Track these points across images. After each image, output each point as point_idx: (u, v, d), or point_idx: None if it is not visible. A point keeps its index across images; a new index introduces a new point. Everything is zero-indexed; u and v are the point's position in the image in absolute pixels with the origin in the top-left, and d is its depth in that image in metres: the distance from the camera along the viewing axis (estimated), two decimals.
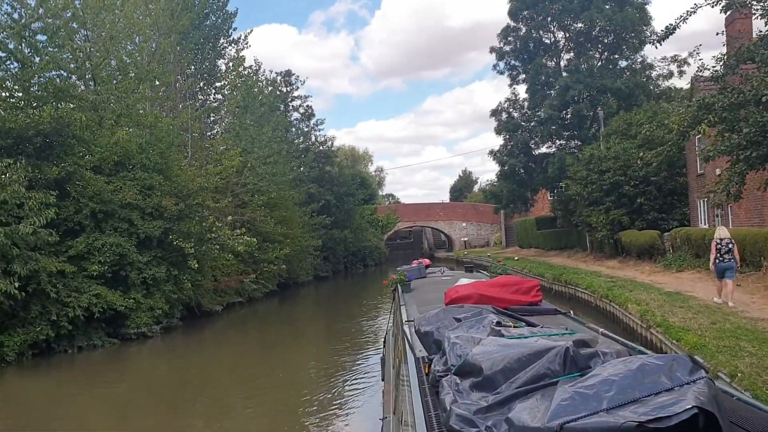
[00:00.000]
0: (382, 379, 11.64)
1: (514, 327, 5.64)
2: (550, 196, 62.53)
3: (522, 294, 8.69)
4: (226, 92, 35.90)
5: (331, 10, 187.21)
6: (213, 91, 37.88)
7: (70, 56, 24.97)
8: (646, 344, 15.10)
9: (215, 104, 37.13)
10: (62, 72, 24.26)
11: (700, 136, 30.56)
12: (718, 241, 16.71)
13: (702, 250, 24.57)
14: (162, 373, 19.93)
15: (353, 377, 16.66)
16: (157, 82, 28.21)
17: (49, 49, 22.63)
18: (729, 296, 16.48)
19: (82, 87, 26.01)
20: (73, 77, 25.91)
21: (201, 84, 36.83)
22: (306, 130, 55.69)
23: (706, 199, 30.39)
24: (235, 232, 26.48)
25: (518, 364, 3.98)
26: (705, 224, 30.63)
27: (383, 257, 70.44)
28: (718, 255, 16.58)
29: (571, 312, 8.56)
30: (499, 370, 4.04)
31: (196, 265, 24.06)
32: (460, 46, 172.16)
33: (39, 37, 22.66)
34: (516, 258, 47.14)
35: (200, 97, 36.98)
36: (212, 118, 37.96)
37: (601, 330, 6.66)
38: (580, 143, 43.87)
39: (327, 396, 14.99)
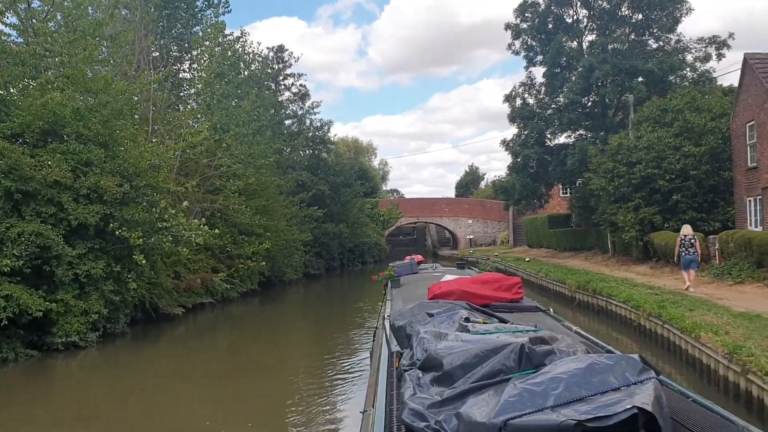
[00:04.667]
0: (370, 373, 10.98)
1: (483, 323, 5.68)
2: (563, 193, 58.27)
3: (503, 291, 8.79)
4: (203, 61, 31.18)
5: (338, 4, 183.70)
6: (188, 60, 33.11)
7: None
8: (745, 401, 10.60)
9: (188, 75, 32.53)
10: None
11: (752, 123, 26.48)
12: (683, 237, 20.69)
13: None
14: (92, 395, 15.61)
15: (343, 371, 16.35)
16: (109, 43, 23.51)
17: None
18: (691, 283, 20.10)
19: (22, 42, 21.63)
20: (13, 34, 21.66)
21: (173, 50, 32.07)
22: (300, 112, 50.90)
23: (760, 197, 25.84)
24: (193, 222, 21.76)
25: (476, 360, 4.02)
26: (756, 226, 26.03)
27: (384, 254, 66.11)
28: (683, 249, 20.52)
29: (551, 310, 8.63)
30: (458, 365, 4.08)
31: (144, 261, 19.52)
32: (469, 43, 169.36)
33: None
34: (527, 259, 42.62)
35: (175, 67, 32.32)
36: (186, 92, 33.25)
37: (574, 329, 6.90)
38: (603, 133, 39.15)
39: (312, 392, 14.60)
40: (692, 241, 20.48)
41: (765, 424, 10.11)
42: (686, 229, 21.06)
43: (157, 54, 31.08)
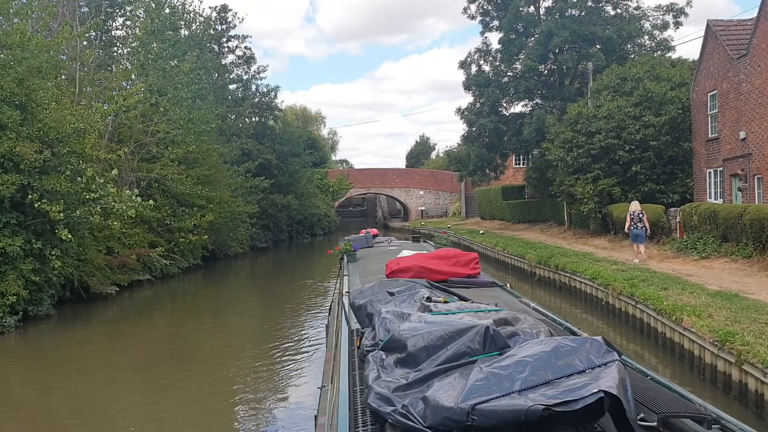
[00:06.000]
0: (326, 347, 10.73)
1: (444, 302, 5.65)
2: (516, 164, 57.45)
3: (461, 266, 8.76)
4: (138, 17, 28.70)
5: None
6: (121, 15, 30.53)
7: None
8: (739, 394, 9.61)
9: (121, 32, 30.05)
10: None
11: (714, 92, 25.65)
12: (632, 213, 21.35)
13: (734, 232, 19.03)
14: (9, 388, 13.82)
15: (295, 348, 15.87)
16: None
17: None
18: (640, 256, 20.84)
19: None
20: None
21: (105, 4, 29.45)
22: (245, 77, 48.51)
23: (720, 169, 25.09)
24: (125, 193, 19.75)
25: (440, 342, 4.01)
26: (716, 199, 25.33)
27: (333, 226, 64.73)
28: (632, 224, 21.24)
29: (508, 285, 8.66)
30: (422, 347, 4.06)
31: (69, 236, 17.53)
32: (419, 11, 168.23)
33: None
34: (481, 231, 41.62)
35: (107, 24, 29.83)
36: (119, 52, 30.74)
37: (532, 305, 6.86)
38: (560, 102, 38.09)
39: (263, 370, 14.08)
40: (641, 216, 21.14)
41: (764, 420, 9.02)
42: (635, 205, 21.81)
43: (87, 10, 28.55)
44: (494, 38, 41.92)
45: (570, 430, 3.17)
